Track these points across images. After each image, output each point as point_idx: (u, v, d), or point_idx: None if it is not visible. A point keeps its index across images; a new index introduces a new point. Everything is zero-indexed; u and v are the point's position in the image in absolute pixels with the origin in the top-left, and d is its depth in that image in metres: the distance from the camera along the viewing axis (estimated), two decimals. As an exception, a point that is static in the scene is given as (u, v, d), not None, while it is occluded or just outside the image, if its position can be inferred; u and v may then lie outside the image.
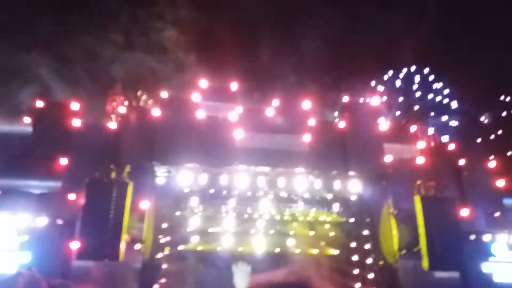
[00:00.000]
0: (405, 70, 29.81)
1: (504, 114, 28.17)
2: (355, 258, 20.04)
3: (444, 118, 26.83)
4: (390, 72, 29.72)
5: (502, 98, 28.47)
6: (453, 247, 16.53)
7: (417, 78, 29.83)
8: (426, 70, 30.36)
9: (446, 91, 28.90)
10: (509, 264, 17.69)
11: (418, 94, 29.34)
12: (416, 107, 23.11)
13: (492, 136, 26.55)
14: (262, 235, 20.58)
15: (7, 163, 16.29)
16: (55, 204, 16.40)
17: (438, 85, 29.81)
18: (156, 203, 18.09)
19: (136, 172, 16.49)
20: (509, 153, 23.38)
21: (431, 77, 30.41)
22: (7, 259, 15.50)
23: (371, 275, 19.27)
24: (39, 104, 17.47)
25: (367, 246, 19.98)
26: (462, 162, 19.65)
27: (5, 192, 16.16)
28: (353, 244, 20.52)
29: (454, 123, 26.58)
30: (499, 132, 27.10)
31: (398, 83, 28.28)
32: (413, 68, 30.18)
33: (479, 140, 25.27)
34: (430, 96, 28.89)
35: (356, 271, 19.82)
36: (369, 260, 19.72)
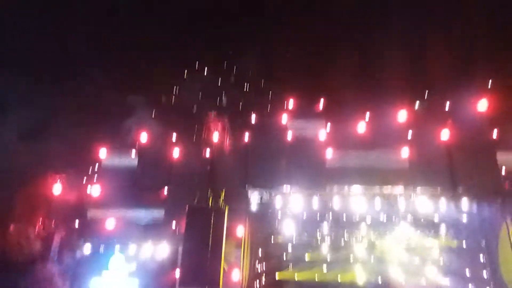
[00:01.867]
0: None
1: None
2: None
3: None
4: None
5: None
6: None
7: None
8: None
9: None
10: None
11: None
12: None
13: None
14: (361, 262, 19.38)
15: (118, 194, 17.86)
16: (159, 232, 17.38)
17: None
18: (251, 228, 18.21)
19: (231, 198, 16.89)
20: None
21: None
22: (118, 286, 16.62)
23: (491, 308, 16.90)
24: (143, 138, 19.13)
25: (484, 273, 17.84)
26: None
27: (117, 221, 17.64)
28: (467, 272, 18.38)
29: None
30: None
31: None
32: None
33: None
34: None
35: (473, 303, 17.54)
36: (488, 290, 17.54)
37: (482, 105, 17.93)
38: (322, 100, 18.59)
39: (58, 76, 18.35)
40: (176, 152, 18.48)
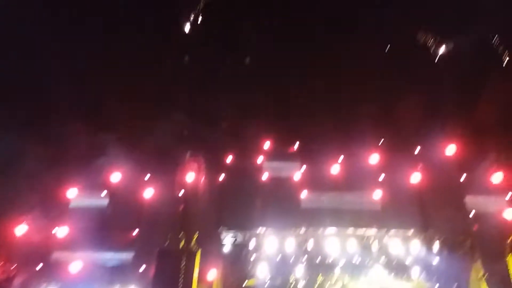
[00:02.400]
0: None
1: None
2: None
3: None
4: None
5: None
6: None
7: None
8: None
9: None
10: None
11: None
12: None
13: None
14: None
15: (86, 235, 17.10)
16: (127, 276, 16.66)
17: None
18: (224, 271, 17.71)
19: (204, 240, 16.50)
20: None
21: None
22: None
23: None
24: (115, 178, 18.59)
25: (457, 315, 17.86)
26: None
27: (83, 264, 16.84)
28: (441, 313, 18.36)
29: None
30: None
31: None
32: None
33: None
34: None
35: None
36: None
37: (451, 150, 18.51)
38: (297, 142, 18.80)
39: (26, 114, 17.83)
40: (148, 193, 18.07)
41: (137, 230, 17.52)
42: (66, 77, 17.89)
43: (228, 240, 17.89)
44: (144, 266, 16.61)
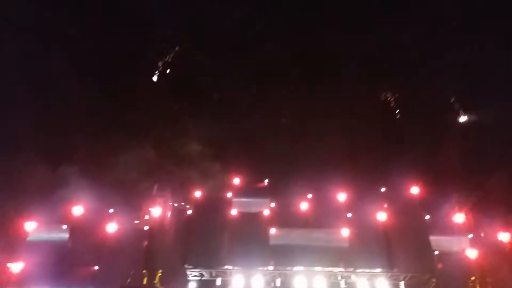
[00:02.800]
0: None
1: None
2: None
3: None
4: None
5: None
6: None
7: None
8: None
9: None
10: None
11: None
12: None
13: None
14: None
15: (44, 271, 16.14)
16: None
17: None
18: (188, 311, 17.05)
19: (168, 277, 15.96)
20: None
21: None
22: None
23: None
24: (76, 211, 17.93)
25: None
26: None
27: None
28: None
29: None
30: None
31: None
32: None
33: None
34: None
35: None
36: None
37: (415, 190, 19.19)
38: (267, 179, 19.03)
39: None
40: (111, 227, 17.51)
41: (98, 265, 16.75)
42: (29, 108, 17.63)
43: (193, 277, 17.33)
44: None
